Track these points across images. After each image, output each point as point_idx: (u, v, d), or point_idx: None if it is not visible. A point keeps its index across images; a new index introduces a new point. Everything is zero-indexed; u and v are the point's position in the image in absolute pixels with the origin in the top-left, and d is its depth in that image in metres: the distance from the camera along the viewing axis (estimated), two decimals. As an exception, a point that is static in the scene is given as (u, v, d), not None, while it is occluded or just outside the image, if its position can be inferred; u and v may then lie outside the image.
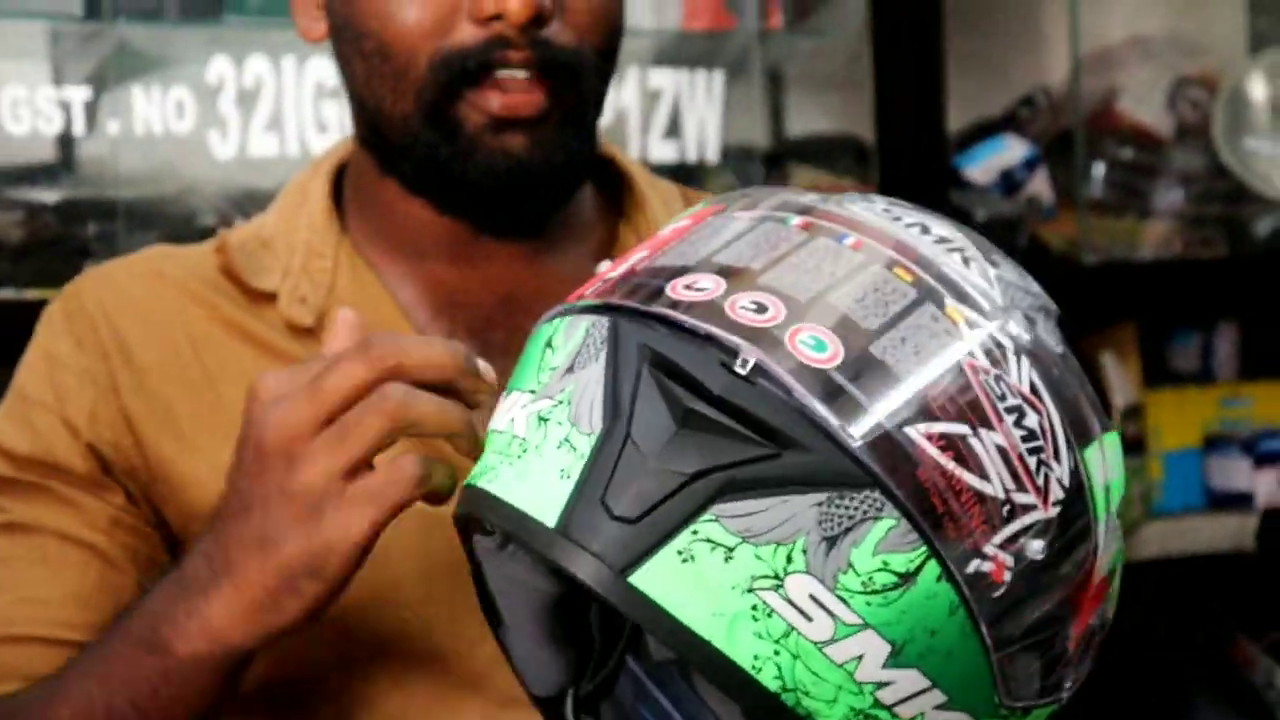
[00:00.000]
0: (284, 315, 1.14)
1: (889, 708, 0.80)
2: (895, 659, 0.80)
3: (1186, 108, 2.52)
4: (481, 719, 1.08)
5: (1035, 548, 0.81)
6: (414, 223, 1.15)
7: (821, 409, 0.79)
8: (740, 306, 0.82)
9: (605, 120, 1.16)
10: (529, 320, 0.91)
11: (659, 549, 0.79)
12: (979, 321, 0.82)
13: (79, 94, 1.96)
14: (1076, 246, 2.37)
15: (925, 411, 0.80)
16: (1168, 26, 2.62)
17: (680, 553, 0.79)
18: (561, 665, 0.93)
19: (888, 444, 0.79)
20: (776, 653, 0.79)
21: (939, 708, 0.81)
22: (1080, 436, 0.83)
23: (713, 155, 2.21)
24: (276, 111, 2.02)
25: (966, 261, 0.85)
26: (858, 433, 0.79)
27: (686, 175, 2.12)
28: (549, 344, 0.86)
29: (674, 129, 2.19)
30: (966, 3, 2.35)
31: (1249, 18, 2.68)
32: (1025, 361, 0.82)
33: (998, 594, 0.80)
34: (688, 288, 0.83)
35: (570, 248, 1.16)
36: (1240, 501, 2.40)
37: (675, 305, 0.82)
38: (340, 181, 1.20)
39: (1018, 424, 0.81)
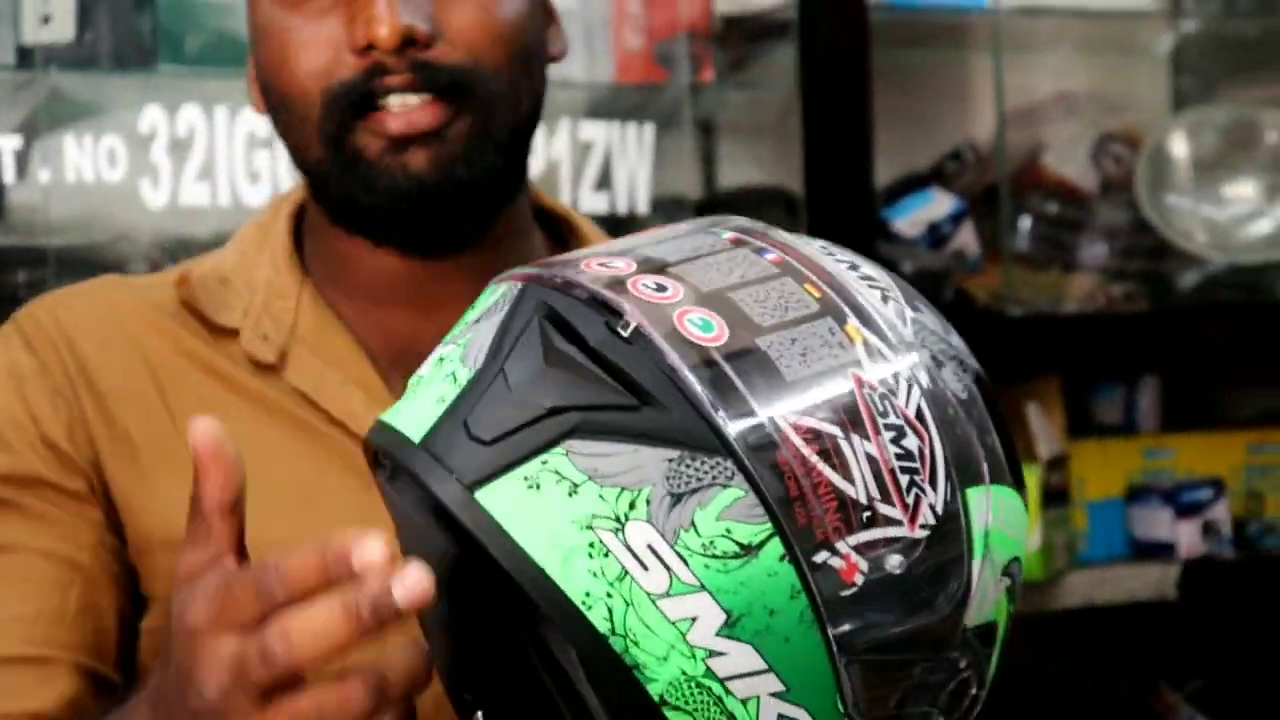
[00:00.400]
0: (246, 351, 1.14)
1: (722, 681, 0.80)
2: (730, 629, 0.80)
3: (1110, 164, 2.55)
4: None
5: (894, 561, 0.81)
6: (364, 268, 1.15)
7: (689, 375, 0.80)
8: (642, 285, 0.84)
9: (537, 171, 1.17)
10: None
11: (508, 472, 0.81)
12: (878, 346, 0.83)
13: (10, 142, 1.95)
14: (1002, 299, 2.39)
15: (799, 406, 0.81)
16: (1092, 84, 2.66)
17: (527, 479, 0.80)
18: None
19: (750, 421, 0.80)
20: (609, 595, 0.79)
21: (776, 695, 0.81)
22: (966, 477, 0.83)
23: (643, 206, 2.22)
24: (209, 161, 2.02)
25: (885, 299, 0.86)
26: (721, 404, 0.80)
27: (617, 226, 2.13)
28: (474, 305, 0.90)
29: (605, 180, 2.20)
30: (894, 59, 2.38)
31: (1171, 76, 2.72)
32: (917, 391, 0.83)
33: (846, 594, 0.80)
34: (600, 265, 0.86)
35: None
36: (1162, 551, 2.42)
37: (582, 274, 0.85)
38: (301, 223, 1.20)
39: (895, 442, 0.81)
